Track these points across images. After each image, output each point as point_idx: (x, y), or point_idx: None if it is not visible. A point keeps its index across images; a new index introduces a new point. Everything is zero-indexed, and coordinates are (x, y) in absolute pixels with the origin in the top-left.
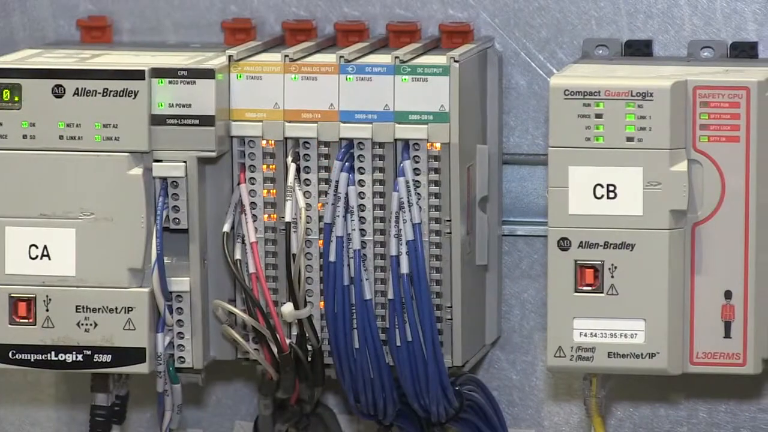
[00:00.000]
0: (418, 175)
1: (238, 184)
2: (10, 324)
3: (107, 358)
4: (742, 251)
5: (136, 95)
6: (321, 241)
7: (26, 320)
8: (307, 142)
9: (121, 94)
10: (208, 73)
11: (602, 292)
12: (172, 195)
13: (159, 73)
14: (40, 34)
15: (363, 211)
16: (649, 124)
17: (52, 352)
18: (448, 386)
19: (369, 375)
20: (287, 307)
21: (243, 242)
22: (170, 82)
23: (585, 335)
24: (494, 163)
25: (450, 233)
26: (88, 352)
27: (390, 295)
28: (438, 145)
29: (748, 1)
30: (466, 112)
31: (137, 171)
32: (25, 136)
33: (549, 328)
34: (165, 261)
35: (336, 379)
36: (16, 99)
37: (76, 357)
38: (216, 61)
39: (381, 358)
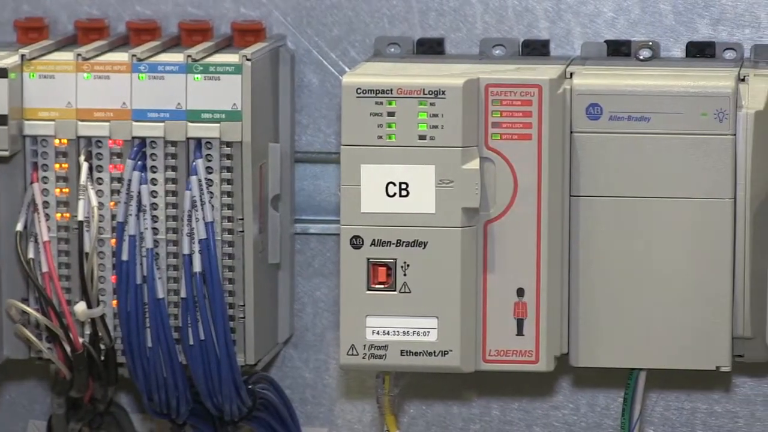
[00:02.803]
0: (210, 173)
1: (31, 183)
2: None
3: None
4: (535, 249)
5: None
6: (114, 240)
7: None
8: (100, 141)
9: None
10: (0, 72)
11: (395, 290)
12: None
13: None
14: None
15: (155, 209)
16: (441, 122)
17: None
18: (240, 385)
19: (162, 374)
20: (80, 306)
21: (36, 241)
22: None
23: (377, 333)
24: (286, 162)
25: (242, 232)
26: None
27: (183, 294)
28: (230, 143)
29: None
30: (258, 110)
31: None
32: None
33: (341, 327)
34: None
35: (129, 378)
36: None
37: None
38: (8, 60)
39: (174, 356)
